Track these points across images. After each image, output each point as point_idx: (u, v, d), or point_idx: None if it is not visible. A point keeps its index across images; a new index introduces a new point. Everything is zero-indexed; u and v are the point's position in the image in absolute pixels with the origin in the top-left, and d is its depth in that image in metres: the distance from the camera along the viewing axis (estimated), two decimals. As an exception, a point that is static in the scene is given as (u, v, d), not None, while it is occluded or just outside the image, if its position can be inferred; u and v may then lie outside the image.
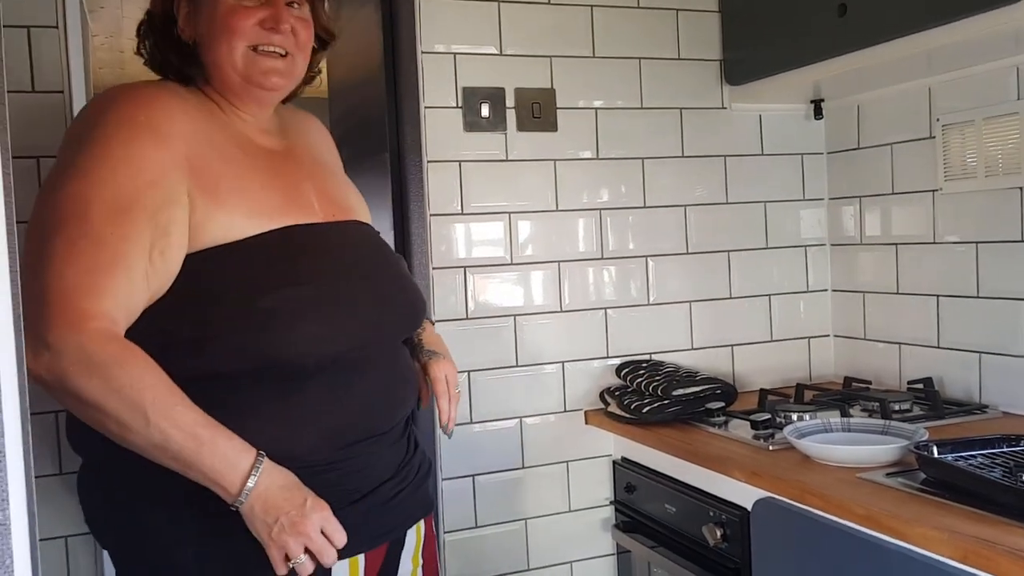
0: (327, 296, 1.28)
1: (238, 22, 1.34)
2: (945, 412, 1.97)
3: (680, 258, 2.42)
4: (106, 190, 1.18)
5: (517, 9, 2.25)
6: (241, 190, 1.29)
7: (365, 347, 1.33)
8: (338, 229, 1.39)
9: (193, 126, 1.29)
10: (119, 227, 1.17)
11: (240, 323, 1.21)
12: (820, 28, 2.02)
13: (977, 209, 2.06)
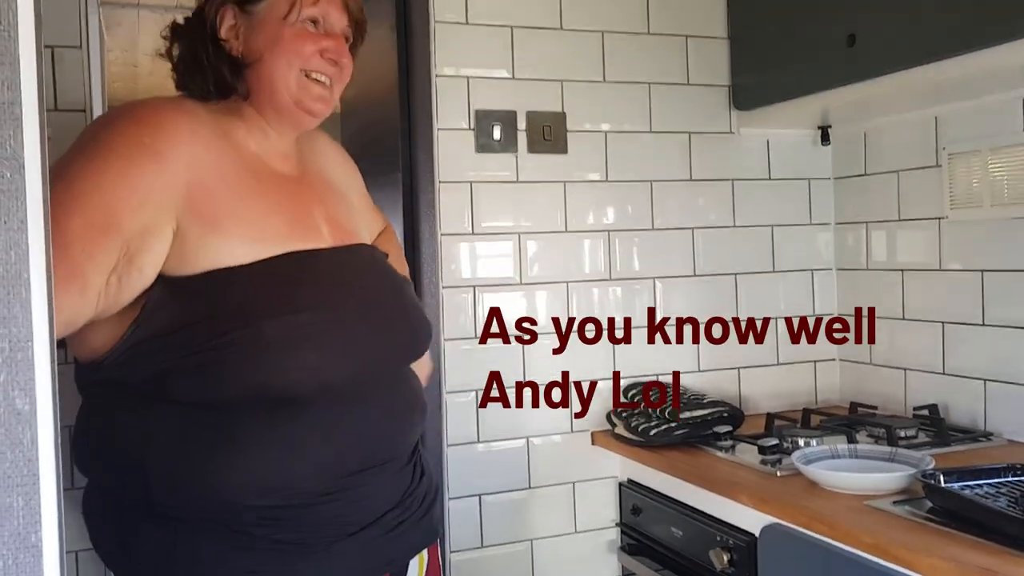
0: (327, 324, 1.27)
1: (303, 46, 1.35)
2: (951, 439, 1.99)
3: (687, 280, 2.44)
4: (89, 206, 1.17)
5: (529, 34, 2.28)
6: (242, 216, 1.28)
7: (365, 375, 1.32)
8: (344, 254, 1.38)
9: (201, 149, 1.28)
10: (89, 244, 1.15)
11: (238, 350, 1.20)
12: (829, 57, 2.05)
13: (983, 237, 2.09)
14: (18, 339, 0.74)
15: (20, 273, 0.74)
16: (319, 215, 1.39)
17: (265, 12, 1.35)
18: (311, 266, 1.31)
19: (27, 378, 0.74)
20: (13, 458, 0.73)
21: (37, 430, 0.74)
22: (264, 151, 1.39)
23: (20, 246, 0.74)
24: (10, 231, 0.74)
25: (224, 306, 1.22)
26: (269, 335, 1.21)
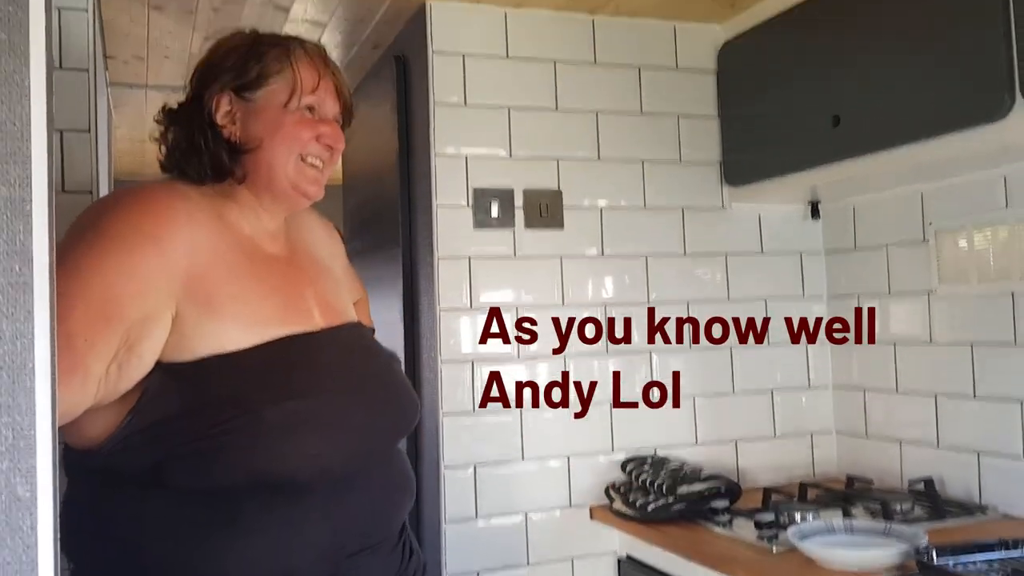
0: (323, 409, 1.27)
1: (303, 132, 1.38)
2: (946, 513, 1.99)
3: (684, 352, 2.46)
4: (92, 295, 1.17)
5: (526, 115, 2.35)
6: (240, 300, 1.29)
7: (360, 457, 1.32)
8: (335, 336, 1.39)
9: (198, 234, 1.29)
10: (91, 334, 1.15)
11: (238, 437, 1.20)
12: (815, 137, 2.11)
13: (971, 311, 2.12)
14: (21, 427, 0.76)
15: (25, 363, 0.77)
16: (310, 296, 1.41)
17: (263, 99, 1.38)
18: (306, 350, 1.32)
19: (28, 465, 0.76)
20: (12, 545, 0.75)
21: (37, 517, 0.76)
22: (256, 232, 1.40)
23: (26, 336, 0.77)
24: (16, 322, 0.77)
25: (222, 392, 1.22)
26: (269, 421, 1.21)
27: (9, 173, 0.78)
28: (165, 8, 2.36)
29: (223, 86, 1.38)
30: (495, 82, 2.33)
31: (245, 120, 1.37)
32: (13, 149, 0.78)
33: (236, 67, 1.38)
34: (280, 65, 1.38)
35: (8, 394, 0.77)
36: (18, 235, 0.78)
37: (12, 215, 0.78)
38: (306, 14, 2.40)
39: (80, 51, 1.93)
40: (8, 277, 0.77)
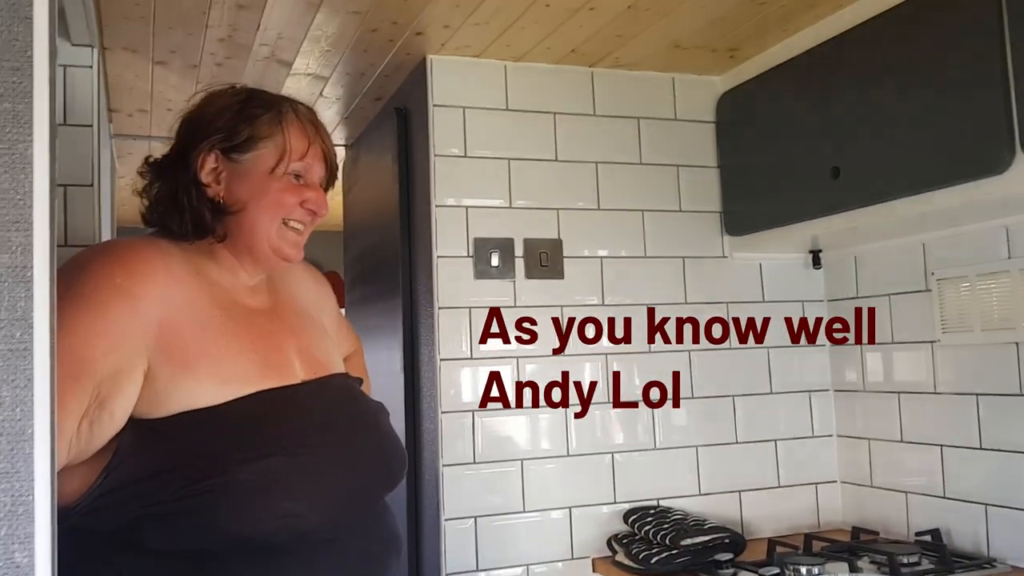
0: (300, 467, 1.24)
1: (288, 198, 1.37)
2: (954, 566, 1.97)
3: (686, 402, 2.46)
4: (61, 351, 1.12)
5: (526, 166, 2.36)
6: (213, 356, 1.27)
7: (341, 517, 1.29)
8: (316, 388, 1.37)
9: (174, 289, 1.28)
10: (62, 394, 1.12)
11: (212, 498, 1.17)
12: (814, 188, 2.12)
13: (975, 361, 2.11)
14: (19, 493, 0.76)
15: (24, 429, 0.77)
16: (291, 349, 1.39)
17: (251, 163, 1.37)
18: (283, 405, 1.30)
19: (27, 532, 0.76)
20: (10, 613, 0.75)
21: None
22: (235, 287, 1.39)
23: (26, 403, 0.77)
24: (16, 388, 0.77)
25: (196, 451, 1.20)
26: (241, 481, 1.18)
27: (11, 240, 0.79)
28: (169, 63, 2.38)
29: (211, 145, 1.36)
30: (495, 134, 2.35)
31: (230, 181, 1.36)
32: (16, 216, 0.79)
33: (226, 128, 1.36)
34: (271, 130, 1.37)
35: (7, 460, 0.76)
36: (19, 302, 0.78)
37: (13, 282, 0.78)
38: (308, 68, 2.43)
39: (84, 107, 1.95)
40: (9, 344, 0.78)
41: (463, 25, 2.12)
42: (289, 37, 2.20)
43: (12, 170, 0.79)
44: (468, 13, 2.06)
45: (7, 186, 0.79)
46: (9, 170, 0.79)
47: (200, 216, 1.34)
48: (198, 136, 1.37)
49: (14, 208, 0.80)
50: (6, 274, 0.78)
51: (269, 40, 2.22)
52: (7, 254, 0.79)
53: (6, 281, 0.78)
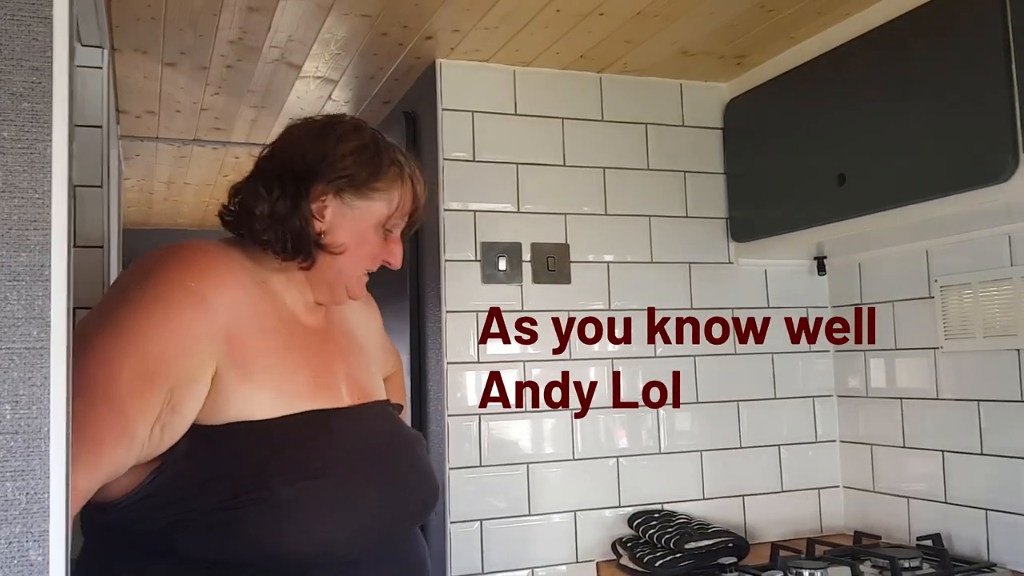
0: (339, 492, 1.25)
1: (378, 255, 1.42)
2: (955, 570, 1.97)
3: (690, 407, 2.47)
4: (137, 357, 1.16)
5: (534, 170, 2.38)
6: (274, 368, 1.28)
7: (371, 544, 1.29)
8: (359, 415, 1.38)
9: (241, 296, 1.28)
10: (137, 398, 1.14)
11: (252, 513, 1.18)
12: (820, 195, 2.13)
13: (977, 368, 2.12)
14: (35, 491, 0.77)
15: (40, 428, 0.78)
16: (340, 373, 1.39)
17: (361, 211, 1.37)
18: (329, 428, 1.30)
19: (41, 530, 0.77)
20: (23, 610, 0.75)
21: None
22: (295, 303, 1.39)
23: (42, 402, 0.78)
24: (33, 387, 0.78)
25: (244, 462, 1.21)
26: (284, 500, 1.19)
27: (29, 239, 0.80)
28: (178, 65, 2.40)
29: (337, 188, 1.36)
30: (504, 138, 2.37)
31: (336, 220, 1.36)
32: (34, 216, 0.80)
33: (353, 172, 1.36)
34: (390, 185, 1.39)
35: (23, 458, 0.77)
36: (36, 300, 0.79)
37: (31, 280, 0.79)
38: (318, 71, 2.44)
39: (94, 108, 1.97)
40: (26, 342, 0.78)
41: (473, 29, 2.14)
42: (299, 40, 2.22)
43: (31, 169, 0.80)
44: (478, 18, 2.08)
45: (26, 185, 0.80)
46: (28, 169, 0.80)
47: (306, 246, 1.34)
48: (323, 170, 1.35)
49: (32, 207, 0.80)
50: (24, 272, 0.79)
51: (279, 43, 2.24)
52: (25, 253, 0.80)
53: (24, 280, 0.79)
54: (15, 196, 0.80)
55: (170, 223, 4.84)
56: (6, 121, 0.80)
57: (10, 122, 0.80)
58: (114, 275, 2.32)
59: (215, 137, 3.13)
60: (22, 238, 0.80)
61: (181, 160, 3.47)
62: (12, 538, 0.76)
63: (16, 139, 0.80)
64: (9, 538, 0.76)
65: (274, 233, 1.34)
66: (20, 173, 0.80)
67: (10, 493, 0.77)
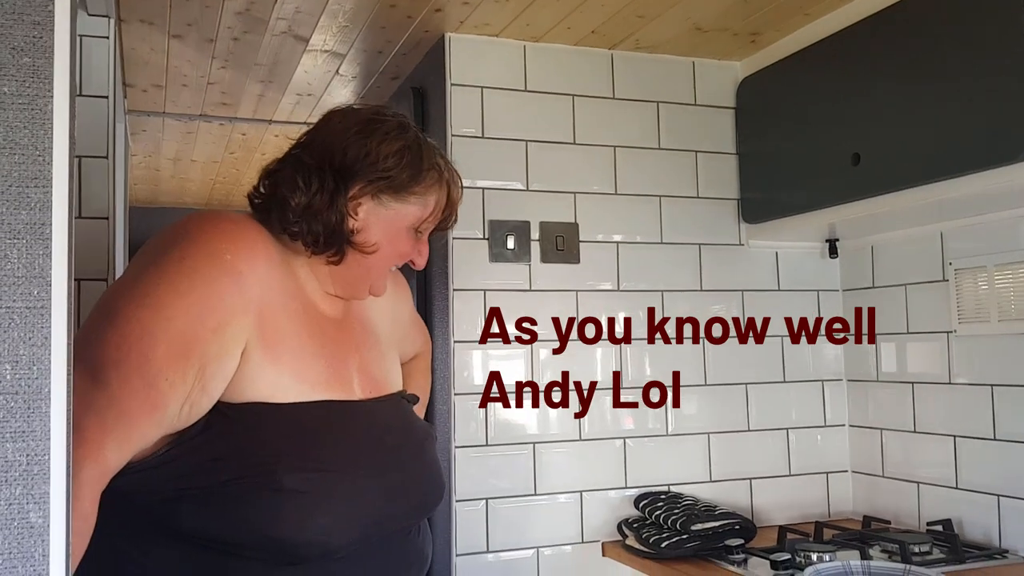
0: (342, 486, 1.23)
1: (405, 255, 1.39)
2: (965, 556, 1.96)
3: (698, 389, 2.44)
4: (173, 329, 1.14)
5: (543, 148, 2.35)
6: (296, 352, 1.26)
7: (369, 539, 1.27)
8: (370, 410, 1.36)
9: (272, 272, 1.26)
10: (172, 373, 1.13)
11: (256, 496, 1.17)
12: (834, 175, 2.10)
13: (992, 352, 2.10)
14: (35, 453, 0.75)
15: (41, 388, 0.76)
16: (353, 365, 1.37)
17: (396, 212, 1.35)
18: (341, 419, 1.28)
19: (42, 492, 0.75)
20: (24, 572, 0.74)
21: (49, 544, 0.75)
22: (315, 291, 1.37)
23: (43, 362, 0.77)
24: (34, 347, 0.76)
25: (256, 444, 1.19)
26: (288, 489, 1.17)
27: (30, 197, 0.78)
28: (185, 37, 2.38)
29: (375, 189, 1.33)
30: (513, 115, 2.34)
31: (370, 219, 1.34)
32: (34, 173, 0.78)
33: (393, 173, 1.33)
34: (427, 189, 1.37)
35: (23, 419, 0.76)
36: (37, 259, 0.77)
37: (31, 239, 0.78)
38: (325, 44, 2.42)
39: (100, 79, 1.95)
40: (26, 301, 0.77)
41: (483, 2, 2.11)
42: (307, 11, 2.19)
43: (31, 126, 0.78)
44: (488, -9, 2.05)
45: (26, 142, 0.78)
46: (29, 125, 0.78)
47: (339, 242, 1.32)
48: (364, 169, 1.33)
49: (33, 164, 0.79)
50: (24, 231, 0.78)
51: (287, 14, 2.21)
52: (25, 211, 0.78)
53: (24, 238, 0.78)
54: (15, 153, 0.78)
55: (176, 201, 4.83)
56: (6, 76, 0.78)
57: (11, 77, 0.78)
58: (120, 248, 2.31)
59: (222, 113, 3.11)
60: (22, 195, 0.78)
61: (188, 136, 3.45)
62: (12, 500, 0.75)
63: (17, 94, 0.78)
64: (9, 500, 0.75)
65: (307, 226, 1.31)
66: (20, 129, 0.78)
67: (10, 454, 0.75)
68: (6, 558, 0.74)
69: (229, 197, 4.64)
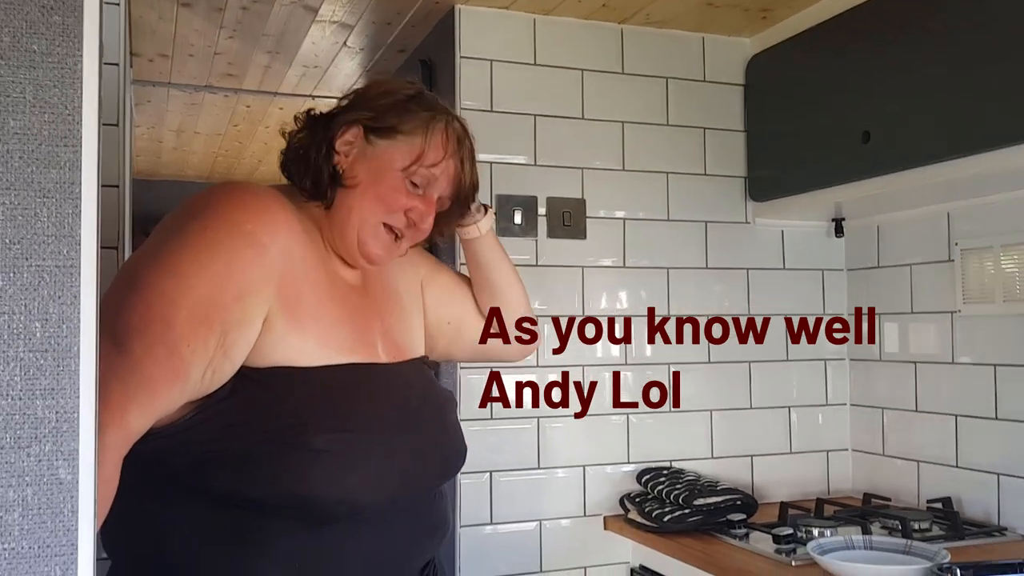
0: (370, 447, 1.25)
1: (395, 199, 1.34)
2: (965, 533, 1.98)
3: (702, 366, 2.46)
4: (194, 297, 1.16)
5: (551, 123, 2.35)
6: (319, 318, 1.28)
7: (393, 500, 1.28)
8: (395, 373, 1.37)
9: (293, 242, 1.27)
10: (194, 339, 1.15)
11: (284, 457, 1.19)
12: (843, 153, 2.11)
13: (995, 332, 2.11)
14: (64, 410, 0.76)
15: (70, 346, 0.77)
16: (376, 330, 1.38)
17: (384, 151, 1.35)
18: (367, 382, 1.30)
19: (71, 448, 0.76)
20: (53, 527, 0.75)
21: (78, 500, 0.76)
22: (335, 258, 1.38)
23: (72, 320, 0.77)
24: (63, 305, 0.77)
25: (282, 407, 1.21)
26: (316, 450, 1.19)
27: (60, 156, 0.78)
28: (194, 5, 2.36)
29: (358, 119, 1.36)
30: (521, 89, 2.33)
31: (358, 158, 1.35)
32: (64, 132, 0.78)
33: (378, 109, 1.36)
34: (415, 129, 1.35)
35: (52, 376, 0.76)
36: (67, 218, 0.78)
37: (61, 197, 0.78)
38: (334, 15, 2.41)
39: (112, 45, 1.93)
40: (56, 260, 0.77)
41: (495, -25, 2.10)
42: (318, -18, 2.18)
43: (61, 84, 0.78)
44: (500, -37, 2.04)
45: (56, 101, 0.78)
46: (59, 84, 0.78)
47: (319, 176, 1.33)
48: (353, 107, 1.37)
49: (63, 123, 0.79)
50: (54, 190, 0.78)
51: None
52: (55, 169, 0.78)
53: (54, 197, 0.78)
54: (45, 112, 0.78)
55: (178, 174, 4.81)
56: (36, 34, 0.78)
57: (40, 35, 0.78)
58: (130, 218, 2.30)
59: (227, 84, 3.09)
60: (52, 154, 0.78)
61: (192, 108, 3.43)
62: (42, 456, 0.75)
63: (47, 53, 0.78)
64: (39, 456, 0.75)
65: (297, 168, 1.35)
66: (50, 88, 0.78)
67: (40, 411, 0.76)
68: (36, 513, 0.74)
69: (231, 170, 4.63)
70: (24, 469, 0.73)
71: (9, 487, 0.72)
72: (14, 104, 0.75)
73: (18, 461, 0.73)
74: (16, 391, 0.73)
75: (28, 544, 0.73)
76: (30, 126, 0.76)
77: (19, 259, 0.75)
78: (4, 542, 0.72)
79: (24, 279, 0.75)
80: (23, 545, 0.72)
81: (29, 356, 0.74)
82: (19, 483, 0.73)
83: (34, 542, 0.73)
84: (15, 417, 0.73)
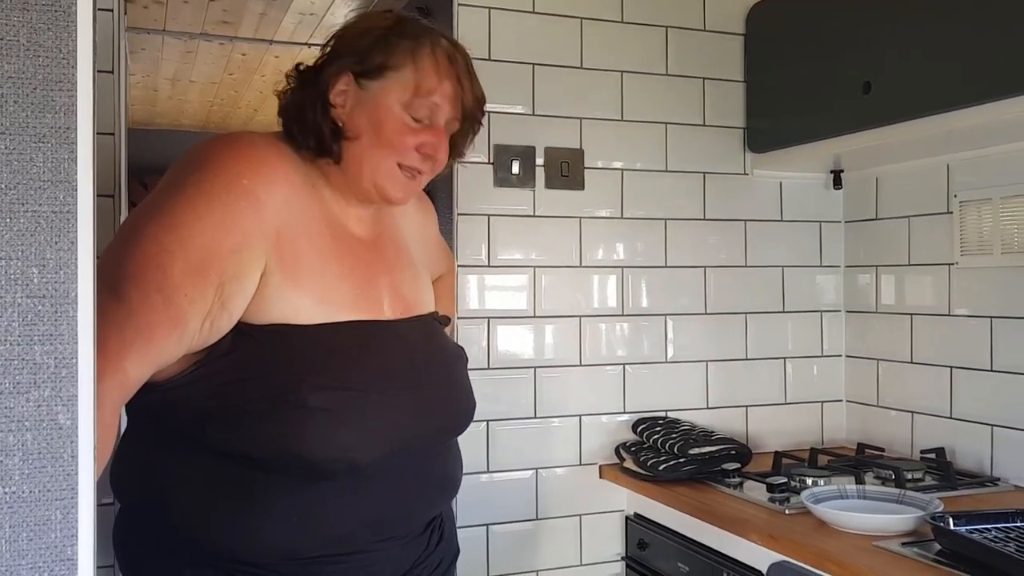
0: (369, 404, 1.25)
1: (402, 141, 1.32)
2: (958, 483, 2.00)
3: (698, 318, 2.46)
4: (191, 247, 1.16)
5: (550, 72, 2.32)
6: (318, 274, 1.27)
7: (395, 456, 1.28)
8: (400, 330, 1.36)
9: (292, 196, 1.27)
10: (190, 289, 1.15)
11: (281, 415, 1.19)
12: (844, 104, 2.09)
13: (992, 284, 2.11)
14: (63, 355, 0.76)
15: (68, 292, 0.77)
16: (384, 285, 1.37)
17: (377, 91, 1.32)
18: (368, 340, 1.29)
19: (70, 394, 0.76)
20: (53, 472, 0.75)
21: (78, 445, 0.76)
22: (342, 211, 1.37)
23: (69, 266, 0.77)
24: (60, 251, 0.77)
25: (281, 364, 1.21)
26: (313, 408, 1.19)
27: (55, 100, 0.77)
28: (188, -49, 2.33)
29: (345, 66, 1.32)
30: (520, 37, 2.31)
31: (354, 107, 1.32)
32: (59, 76, 0.78)
33: (362, 51, 1.32)
34: (403, 61, 1.31)
35: (51, 322, 0.76)
36: (63, 163, 0.77)
37: (57, 143, 0.77)
38: (331, -38, 2.37)
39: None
40: (52, 205, 0.77)
41: (493, -79, 2.07)
42: (313, -73, 2.15)
43: (55, 27, 0.78)
44: (499, -92, 2.01)
45: (50, 44, 0.77)
46: (52, 27, 0.77)
47: (320, 133, 1.31)
48: (337, 54, 1.34)
49: (57, 67, 0.78)
50: (50, 135, 0.77)
51: (293, -70, 2.17)
52: (50, 114, 0.78)
53: (50, 142, 0.77)
54: (39, 55, 0.78)
55: (173, 123, 4.78)
56: (29, -25, 0.77)
57: (33, -24, 0.77)
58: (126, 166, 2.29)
59: (222, 32, 3.06)
60: (47, 98, 0.78)
61: (187, 56, 3.40)
62: (41, 401, 0.76)
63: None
64: (39, 401, 0.75)
65: (299, 127, 1.33)
66: (44, 31, 0.78)
67: (39, 357, 0.76)
68: (36, 458, 0.75)
69: (227, 119, 4.60)
70: (23, 414, 0.73)
71: (9, 432, 0.73)
72: (8, 47, 0.75)
73: (17, 406, 0.73)
74: (14, 337, 0.74)
75: (28, 488, 0.73)
76: (24, 70, 0.75)
77: (15, 204, 0.74)
78: (5, 486, 0.72)
79: (21, 224, 0.74)
80: (24, 489, 0.73)
81: (27, 302, 0.74)
82: (19, 428, 0.73)
83: (34, 486, 0.73)
84: (14, 363, 0.73)
